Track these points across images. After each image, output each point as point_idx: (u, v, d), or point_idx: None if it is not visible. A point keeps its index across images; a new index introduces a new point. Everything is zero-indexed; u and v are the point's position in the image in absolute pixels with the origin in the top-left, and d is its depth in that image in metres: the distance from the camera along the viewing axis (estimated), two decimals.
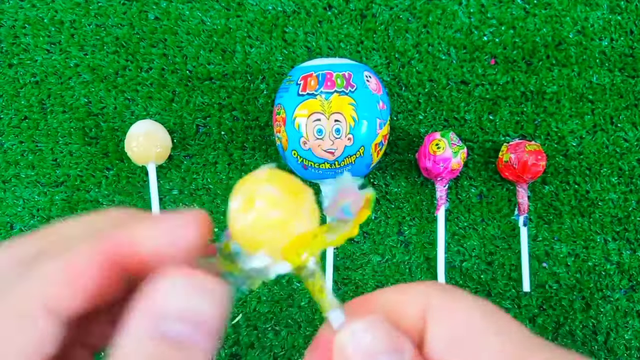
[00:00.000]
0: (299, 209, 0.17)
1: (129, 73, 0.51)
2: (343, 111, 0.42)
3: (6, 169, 0.51)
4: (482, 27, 0.50)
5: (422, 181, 0.50)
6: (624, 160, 0.49)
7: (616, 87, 0.50)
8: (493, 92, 0.50)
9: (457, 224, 0.49)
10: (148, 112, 0.51)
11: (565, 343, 0.48)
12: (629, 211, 0.49)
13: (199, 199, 0.50)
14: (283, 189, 0.17)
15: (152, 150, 0.48)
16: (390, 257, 0.49)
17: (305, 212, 0.18)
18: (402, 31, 0.51)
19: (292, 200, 0.17)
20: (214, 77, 0.51)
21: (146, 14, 0.52)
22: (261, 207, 0.17)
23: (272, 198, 0.17)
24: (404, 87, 0.51)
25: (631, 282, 0.48)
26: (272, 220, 0.17)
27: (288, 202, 0.17)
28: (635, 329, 0.48)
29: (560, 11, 0.50)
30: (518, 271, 0.48)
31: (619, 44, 0.50)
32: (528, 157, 0.45)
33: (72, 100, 0.52)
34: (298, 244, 0.17)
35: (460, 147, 0.46)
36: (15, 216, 0.51)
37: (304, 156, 0.43)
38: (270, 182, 0.17)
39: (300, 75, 0.43)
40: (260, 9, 0.51)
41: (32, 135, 0.52)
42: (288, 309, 0.49)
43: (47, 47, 0.52)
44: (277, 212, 0.17)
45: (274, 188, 0.17)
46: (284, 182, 0.18)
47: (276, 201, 0.17)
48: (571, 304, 0.48)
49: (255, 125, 0.51)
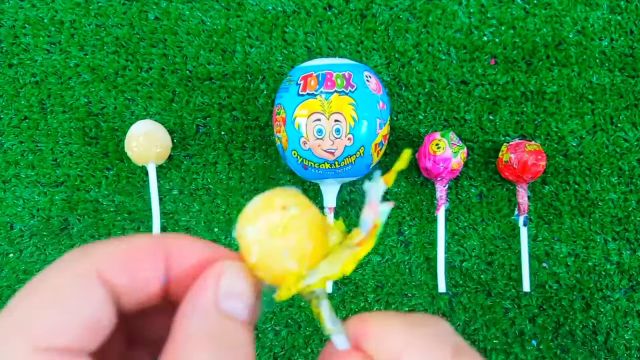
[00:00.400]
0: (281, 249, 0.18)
1: (129, 73, 0.51)
2: (343, 111, 0.42)
3: (6, 169, 0.51)
4: (482, 27, 0.50)
5: (422, 181, 0.50)
6: (624, 160, 0.49)
7: (616, 87, 0.50)
8: (493, 92, 0.50)
9: (457, 224, 0.49)
10: (148, 112, 0.51)
11: (565, 343, 0.48)
12: (629, 211, 0.49)
13: (199, 199, 0.50)
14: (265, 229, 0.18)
15: (152, 150, 0.48)
16: (390, 257, 0.49)
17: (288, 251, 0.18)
18: (402, 31, 0.51)
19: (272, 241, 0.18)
20: (214, 77, 0.51)
21: (146, 14, 0.52)
22: (247, 247, 0.18)
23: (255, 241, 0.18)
24: (404, 87, 0.51)
25: (631, 282, 0.48)
26: (254, 263, 0.18)
27: (269, 243, 0.18)
28: (635, 329, 0.48)
29: (560, 11, 0.50)
30: (518, 271, 0.48)
31: (619, 44, 0.50)
32: (528, 157, 0.45)
33: (72, 100, 0.52)
34: (280, 282, 0.18)
35: (460, 147, 0.46)
36: (15, 216, 0.51)
37: (304, 156, 0.43)
38: (254, 222, 0.18)
39: (300, 75, 0.43)
40: (260, 9, 0.51)
41: (32, 135, 0.52)
42: (288, 309, 0.49)
43: (47, 47, 0.52)
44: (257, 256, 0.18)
45: (256, 229, 0.18)
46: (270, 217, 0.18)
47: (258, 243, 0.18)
48: (571, 304, 0.48)
49: (255, 125, 0.51)
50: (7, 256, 0.51)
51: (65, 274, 0.15)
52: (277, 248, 0.17)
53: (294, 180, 0.50)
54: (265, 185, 0.51)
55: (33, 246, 0.51)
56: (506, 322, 0.48)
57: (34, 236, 0.51)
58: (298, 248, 0.18)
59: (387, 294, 0.49)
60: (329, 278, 0.18)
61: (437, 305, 0.49)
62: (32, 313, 0.15)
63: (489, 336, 0.48)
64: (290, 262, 0.18)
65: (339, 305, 0.49)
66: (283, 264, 0.18)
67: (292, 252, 0.18)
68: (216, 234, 0.50)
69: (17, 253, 0.51)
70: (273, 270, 0.18)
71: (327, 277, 0.18)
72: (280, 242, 0.17)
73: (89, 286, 0.15)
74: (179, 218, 0.50)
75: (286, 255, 0.18)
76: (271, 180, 0.51)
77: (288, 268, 0.18)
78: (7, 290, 0.50)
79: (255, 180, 0.51)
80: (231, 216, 0.50)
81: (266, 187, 0.51)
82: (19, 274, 0.50)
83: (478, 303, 0.49)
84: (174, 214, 0.50)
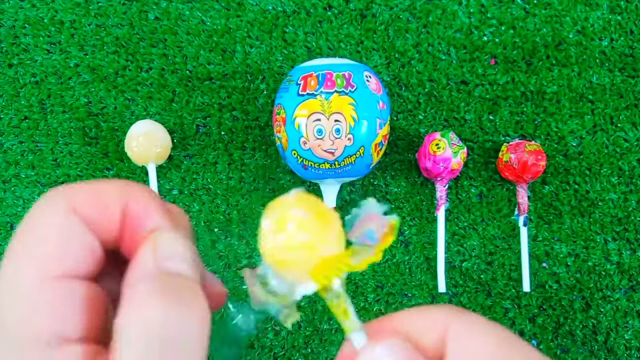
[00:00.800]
0: (327, 233, 0.19)
1: (129, 73, 0.51)
2: (343, 111, 0.42)
3: (6, 169, 0.51)
4: (482, 27, 0.50)
5: (422, 181, 0.50)
6: (624, 160, 0.49)
7: (616, 87, 0.50)
8: (493, 92, 0.50)
9: (457, 224, 0.49)
10: (148, 112, 0.51)
11: (565, 343, 0.48)
12: (629, 211, 0.49)
13: (199, 199, 0.50)
14: (312, 213, 0.18)
15: (152, 150, 0.48)
16: (390, 257, 0.49)
17: (333, 236, 0.19)
18: (402, 31, 0.51)
19: (320, 225, 0.18)
20: (214, 77, 0.51)
21: (146, 14, 0.52)
22: (292, 229, 0.18)
23: (302, 221, 0.18)
24: (404, 87, 0.51)
25: (631, 282, 0.48)
26: (301, 243, 0.18)
27: (317, 226, 0.18)
28: (635, 329, 0.48)
29: (560, 11, 0.50)
30: (518, 271, 0.48)
31: (619, 44, 0.50)
32: (528, 157, 0.45)
33: (72, 100, 0.52)
34: (325, 266, 0.18)
35: (460, 147, 0.46)
36: (15, 216, 0.51)
37: (304, 156, 0.43)
38: (301, 206, 0.18)
39: (300, 75, 0.43)
40: (260, 9, 0.51)
41: (32, 135, 0.52)
42: None
43: (47, 47, 0.52)
44: (307, 235, 0.18)
45: (305, 212, 0.18)
46: (313, 206, 0.19)
47: (306, 225, 0.18)
48: (571, 304, 0.48)
49: (255, 125, 0.51)
50: None
51: (50, 212, 0.17)
52: (325, 230, 0.18)
53: (294, 180, 0.50)
54: (265, 185, 0.51)
55: None
56: (506, 322, 0.48)
57: None
58: (341, 233, 0.19)
59: (387, 294, 0.49)
60: (368, 260, 0.19)
61: None
62: (33, 248, 0.16)
63: None
64: (336, 245, 0.19)
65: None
66: (330, 245, 0.18)
67: (338, 235, 0.19)
68: (216, 234, 0.50)
69: None
70: (320, 250, 0.18)
71: (367, 259, 0.18)
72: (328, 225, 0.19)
73: (72, 220, 0.17)
74: None
75: (333, 238, 0.19)
76: (271, 180, 0.51)
77: (334, 250, 0.18)
78: None
79: (255, 180, 0.51)
80: (231, 216, 0.50)
81: (266, 187, 0.51)
82: None
83: (478, 303, 0.49)
84: None
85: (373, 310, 0.49)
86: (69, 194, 0.17)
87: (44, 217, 0.17)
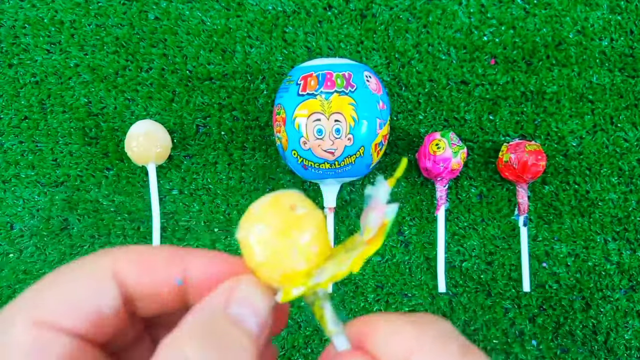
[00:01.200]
0: (287, 248, 0.18)
1: (129, 73, 0.51)
2: (343, 111, 0.42)
3: (6, 169, 0.51)
4: (482, 27, 0.50)
5: (422, 181, 0.50)
6: (624, 160, 0.49)
7: (616, 87, 0.50)
8: (493, 92, 0.50)
9: (457, 224, 0.49)
10: (148, 112, 0.51)
11: (565, 343, 0.48)
12: (629, 211, 0.49)
13: (199, 199, 0.50)
14: (273, 227, 0.18)
15: (152, 150, 0.48)
16: (390, 257, 0.49)
17: (294, 250, 0.18)
18: (402, 31, 0.51)
19: (281, 238, 0.18)
20: (214, 77, 0.51)
21: (146, 14, 0.52)
22: (256, 249, 0.18)
23: (262, 239, 0.18)
24: (404, 87, 0.51)
25: (631, 282, 0.48)
26: (259, 263, 0.18)
27: (277, 240, 0.18)
28: (635, 329, 0.48)
29: (560, 11, 0.50)
30: (518, 271, 0.48)
31: (619, 44, 0.50)
32: (528, 157, 0.45)
33: (72, 100, 0.52)
34: (286, 282, 0.18)
35: (460, 147, 0.46)
36: (15, 216, 0.51)
37: (304, 156, 0.43)
38: (263, 220, 0.18)
39: (300, 75, 0.43)
40: (260, 9, 0.51)
41: (32, 135, 0.52)
42: (288, 309, 0.49)
43: (47, 47, 0.52)
44: (265, 254, 0.18)
45: (266, 227, 0.18)
46: (278, 215, 0.18)
47: (265, 241, 0.18)
48: (571, 304, 0.48)
49: (255, 125, 0.51)
50: (7, 256, 0.51)
51: (81, 268, 0.16)
52: (286, 247, 0.18)
53: (294, 180, 0.50)
54: (265, 185, 0.51)
55: (33, 246, 0.51)
56: (506, 322, 0.48)
57: (34, 236, 0.51)
58: (307, 247, 0.18)
59: (387, 294, 0.49)
60: (336, 277, 0.18)
61: (437, 305, 0.49)
62: (41, 295, 0.16)
63: (489, 336, 0.48)
64: (300, 261, 0.18)
65: (339, 305, 0.49)
66: (292, 263, 0.18)
67: (301, 250, 0.18)
68: (216, 234, 0.50)
69: (17, 253, 0.51)
70: (282, 269, 0.18)
71: (335, 275, 0.18)
72: (290, 240, 0.18)
73: (101, 281, 0.16)
74: (179, 218, 0.50)
75: (295, 254, 0.18)
76: (271, 180, 0.51)
77: (296, 267, 0.18)
78: (7, 290, 0.50)
79: (255, 180, 0.51)
80: (231, 216, 0.50)
81: (266, 187, 0.51)
82: (18, 274, 0.50)
83: (478, 303, 0.49)
84: (174, 214, 0.50)
85: (373, 310, 0.49)
86: (113, 258, 0.17)
87: (70, 271, 0.16)
